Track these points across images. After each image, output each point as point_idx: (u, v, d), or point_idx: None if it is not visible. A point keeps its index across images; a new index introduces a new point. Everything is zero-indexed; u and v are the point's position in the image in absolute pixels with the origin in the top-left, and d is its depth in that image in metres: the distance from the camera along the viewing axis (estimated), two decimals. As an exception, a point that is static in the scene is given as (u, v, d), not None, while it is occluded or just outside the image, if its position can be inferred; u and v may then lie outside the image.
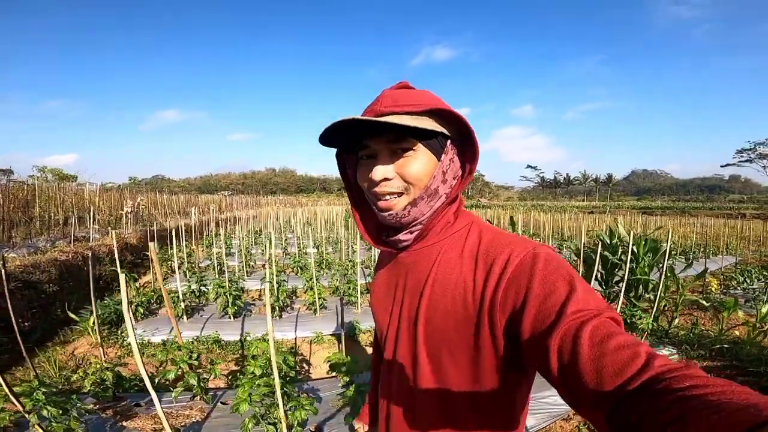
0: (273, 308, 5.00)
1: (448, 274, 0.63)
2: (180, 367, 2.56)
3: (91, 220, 8.79)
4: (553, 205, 59.58)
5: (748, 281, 7.77)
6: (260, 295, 6.29)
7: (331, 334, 4.70)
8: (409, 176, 0.64)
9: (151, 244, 3.11)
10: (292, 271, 7.82)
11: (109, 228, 10.13)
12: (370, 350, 4.55)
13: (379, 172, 0.64)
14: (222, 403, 2.74)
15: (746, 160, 43.13)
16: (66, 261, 6.80)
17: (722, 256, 11.05)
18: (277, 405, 1.91)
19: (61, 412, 2.06)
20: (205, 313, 5.06)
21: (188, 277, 7.06)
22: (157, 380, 2.46)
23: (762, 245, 14.01)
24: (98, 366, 2.56)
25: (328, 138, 0.65)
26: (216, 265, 7.40)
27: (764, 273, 8.16)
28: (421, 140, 0.63)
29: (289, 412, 2.02)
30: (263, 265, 8.66)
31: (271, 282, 5.18)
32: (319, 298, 5.18)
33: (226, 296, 4.75)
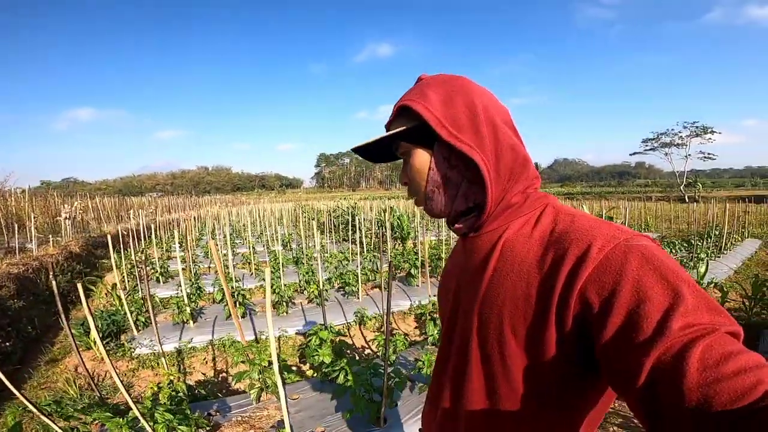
0: (279, 304, 5.00)
1: (511, 263, 0.56)
2: (260, 366, 2.50)
3: (32, 229, 7.86)
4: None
5: (674, 251, 9.14)
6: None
7: (339, 324, 4.83)
8: (410, 177, 0.66)
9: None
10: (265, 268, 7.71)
11: (50, 236, 9.13)
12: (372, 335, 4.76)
13: (400, 179, 0.69)
14: (290, 398, 2.77)
15: (650, 149, 49.17)
16: (18, 274, 6.11)
17: (645, 233, 12.82)
18: (383, 379, 2.08)
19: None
20: (207, 316, 4.90)
21: (164, 282, 6.71)
22: (234, 381, 2.43)
23: (673, 223, 16.28)
24: (169, 379, 2.47)
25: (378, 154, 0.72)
26: (192, 267, 7.08)
27: (684, 244, 9.65)
28: (406, 141, 0.64)
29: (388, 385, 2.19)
30: (235, 266, 8.44)
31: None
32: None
33: (235, 297, 4.66)
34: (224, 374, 3.83)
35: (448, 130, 0.58)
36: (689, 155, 43.72)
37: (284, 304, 5.01)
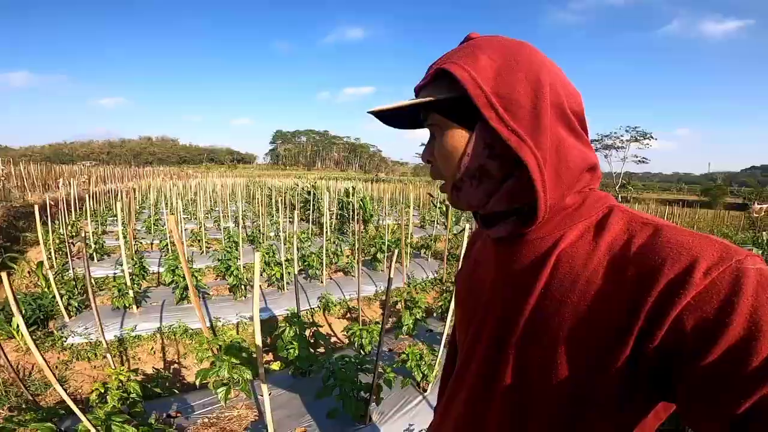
0: (237, 287, 4.60)
1: (570, 281, 0.45)
2: (231, 362, 2.13)
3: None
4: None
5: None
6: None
7: (302, 310, 4.54)
8: (437, 157, 0.53)
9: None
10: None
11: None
12: (340, 323, 4.55)
13: (423, 155, 0.56)
14: (260, 396, 2.46)
15: (594, 150, 52.36)
16: None
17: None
18: (373, 376, 1.86)
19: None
20: (153, 300, 4.38)
21: (98, 259, 5.99)
22: (198, 381, 2.06)
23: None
24: (119, 378, 2.06)
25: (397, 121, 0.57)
26: (133, 243, 6.39)
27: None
28: (438, 113, 0.50)
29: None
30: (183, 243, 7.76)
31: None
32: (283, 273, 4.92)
33: (185, 279, 4.19)
34: (176, 365, 3.43)
35: (497, 112, 0.45)
36: (626, 158, 46.96)
37: (242, 287, 4.62)
